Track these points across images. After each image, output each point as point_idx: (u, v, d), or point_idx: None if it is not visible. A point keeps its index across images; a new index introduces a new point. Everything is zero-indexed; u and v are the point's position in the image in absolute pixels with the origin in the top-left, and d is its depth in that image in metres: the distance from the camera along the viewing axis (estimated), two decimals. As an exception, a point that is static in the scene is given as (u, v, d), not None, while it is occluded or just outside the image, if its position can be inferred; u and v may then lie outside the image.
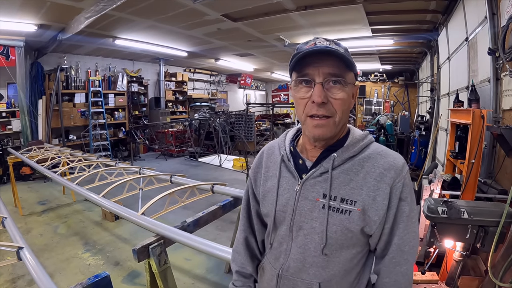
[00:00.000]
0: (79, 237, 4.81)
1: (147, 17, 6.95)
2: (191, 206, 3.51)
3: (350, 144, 1.07)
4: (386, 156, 1.06)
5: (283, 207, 1.12)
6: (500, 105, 3.55)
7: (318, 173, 1.07)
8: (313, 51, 0.97)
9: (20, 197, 6.08)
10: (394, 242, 1.05)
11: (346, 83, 1.00)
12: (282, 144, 1.22)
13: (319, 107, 0.99)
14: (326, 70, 0.98)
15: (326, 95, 0.98)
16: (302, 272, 1.09)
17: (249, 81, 17.88)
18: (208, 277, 3.80)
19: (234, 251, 1.38)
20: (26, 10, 6.18)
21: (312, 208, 1.06)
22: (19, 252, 2.22)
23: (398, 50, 10.35)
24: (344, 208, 1.01)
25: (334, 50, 0.97)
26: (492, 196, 3.09)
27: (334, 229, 1.02)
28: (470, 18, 4.61)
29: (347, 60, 0.99)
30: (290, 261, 1.11)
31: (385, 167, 1.02)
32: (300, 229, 1.09)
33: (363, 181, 1.02)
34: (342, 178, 1.04)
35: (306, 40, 1.06)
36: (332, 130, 1.02)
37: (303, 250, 1.08)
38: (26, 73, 8.53)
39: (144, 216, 2.56)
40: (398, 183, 1.01)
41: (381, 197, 1.00)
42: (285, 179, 1.15)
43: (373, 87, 14.87)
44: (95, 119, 10.35)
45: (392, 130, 10.79)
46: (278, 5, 6.12)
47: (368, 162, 1.04)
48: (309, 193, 1.07)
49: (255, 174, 1.30)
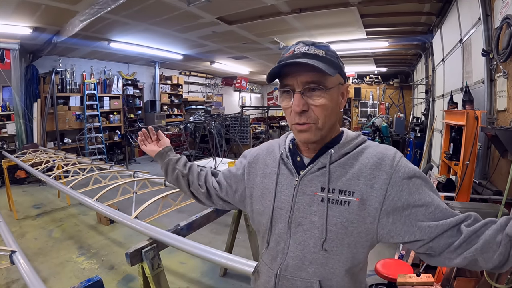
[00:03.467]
0: (73, 241, 4.77)
1: (142, 20, 6.94)
2: (186, 210, 3.49)
3: (345, 142, 1.09)
4: (378, 147, 1.07)
5: (281, 204, 1.13)
6: (494, 106, 3.57)
7: (315, 168, 1.08)
8: (289, 63, 0.99)
9: (15, 201, 6.02)
10: (436, 212, 0.97)
11: (326, 88, 1.00)
12: (282, 143, 1.24)
13: (300, 115, 1.01)
14: (304, 79, 1.00)
15: (306, 103, 1.00)
16: (301, 270, 1.07)
17: (244, 84, 17.89)
18: (203, 281, 3.78)
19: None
20: (21, 13, 6.16)
21: (311, 202, 1.06)
22: (12, 256, 2.20)
23: (393, 52, 10.40)
24: (343, 199, 1.01)
25: (311, 58, 0.98)
26: (487, 197, 3.10)
27: (334, 222, 1.01)
28: (464, 20, 4.63)
29: (327, 63, 0.99)
30: (288, 260, 1.09)
31: (378, 156, 1.03)
32: (299, 225, 1.08)
33: (359, 172, 1.02)
34: (339, 172, 1.05)
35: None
36: (317, 134, 1.04)
37: (302, 246, 1.07)
38: (21, 76, 8.50)
39: (137, 220, 2.54)
40: (396, 166, 1.00)
41: (378, 184, 0.99)
42: (283, 176, 1.16)
43: (368, 89, 14.92)
44: (90, 122, 10.31)
45: (388, 132, 10.82)
46: (273, 8, 6.13)
47: (361, 155, 1.06)
48: (307, 188, 1.08)
49: (249, 166, 1.31)
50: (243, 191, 1.32)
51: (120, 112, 11.55)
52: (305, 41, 1.06)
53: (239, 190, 1.34)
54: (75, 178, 3.85)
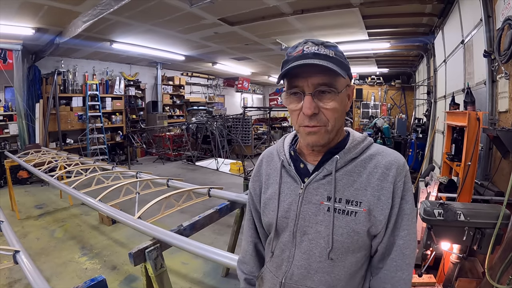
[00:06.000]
0: (76, 241, 4.79)
1: (144, 21, 6.96)
2: (188, 210, 3.51)
3: (352, 146, 1.06)
4: (387, 155, 1.05)
5: (286, 213, 1.10)
6: (496, 107, 3.56)
7: (321, 175, 1.05)
8: (300, 64, 0.95)
9: (17, 201, 6.04)
10: (397, 244, 1.03)
11: (337, 91, 0.98)
12: (281, 149, 1.19)
13: (311, 118, 0.98)
14: (315, 81, 0.96)
15: (316, 106, 0.97)
16: (306, 279, 1.05)
17: (246, 85, 17.89)
18: (205, 281, 3.78)
19: (241, 261, 1.35)
20: (24, 14, 6.18)
21: (317, 211, 1.04)
22: (16, 255, 2.21)
23: (395, 53, 10.39)
24: (350, 210, 1.00)
25: (323, 58, 0.95)
26: (489, 198, 3.10)
27: (341, 232, 1.00)
28: (466, 21, 4.63)
29: (338, 64, 0.96)
30: (293, 268, 1.07)
31: (387, 166, 1.02)
32: (304, 234, 1.06)
33: (367, 182, 1.01)
34: (346, 180, 1.03)
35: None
36: (325, 137, 1.01)
37: (307, 256, 1.05)
38: (24, 76, 8.52)
39: (141, 220, 2.55)
40: (399, 181, 1.01)
41: (385, 196, 1.00)
42: (286, 185, 1.12)
43: (370, 90, 14.89)
44: (93, 123, 10.35)
45: (389, 133, 10.78)
46: (275, 9, 6.15)
47: (370, 163, 1.04)
48: (312, 197, 1.05)
49: (254, 186, 1.27)
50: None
51: (122, 112, 11.57)
52: (313, 40, 1.02)
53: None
54: (78, 178, 3.86)
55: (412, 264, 1.05)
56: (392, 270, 1.04)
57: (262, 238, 1.32)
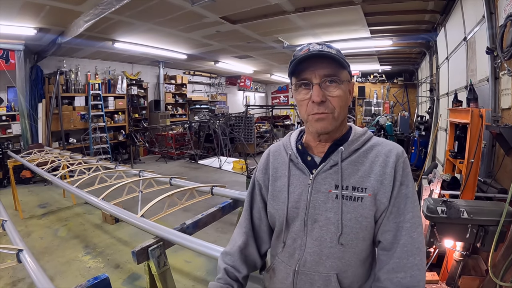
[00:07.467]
0: (79, 240, 4.81)
1: (146, 20, 6.97)
2: (191, 208, 3.51)
3: (354, 139, 1.15)
4: (387, 145, 1.15)
5: (296, 203, 1.16)
6: (499, 104, 3.55)
7: (328, 166, 1.13)
8: (307, 56, 1.06)
9: (21, 200, 6.07)
10: (405, 228, 1.07)
11: (341, 81, 1.09)
12: (287, 144, 1.27)
13: (319, 105, 1.07)
14: (322, 72, 1.07)
15: (324, 94, 1.07)
16: (319, 265, 1.12)
17: (248, 83, 17.87)
18: (208, 279, 3.78)
19: (225, 253, 1.34)
20: (26, 14, 6.20)
21: (326, 199, 1.11)
22: (19, 254, 2.22)
23: (397, 50, 10.38)
24: (357, 196, 1.08)
25: (327, 53, 1.06)
26: (492, 195, 3.09)
27: (349, 217, 1.07)
28: (468, 18, 4.61)
29: (339, 60, 1.07)
30: (306, 255, 1.13)
31: (387, 154, 1.11)
32: (315, 221, 1.12)
33: (370, 169, 1.10)
34: (351, 169, 1.11)
35: (303, 43, 1.15)
36: (333, 123, 1.10)
37: (319, 242, 1.11)
38: (26, 76, 8.54)
39: (144, 219, 2.55)
40: (398, 166, 1.09)
41: (387, 180, 1.08)
42: (295, 177, 1.20)
43: (372, 88, 14.88)
44: (95, 122, 10.36)
45: (392, 131, 10.78)
46: (277, 7, 6.14)
47: (371, 152, 1.13)
48: (321, 186, 1.13)
49: (263, 178, 1.32)
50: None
51: (125, 112, 11.58)
52: (318, 42, 1.13)
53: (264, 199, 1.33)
54: (81, 177, 3.87)
55: (422, 250, 1.08)
56: (404, 257, 1.06)
57: (257, 231, 1.35)
